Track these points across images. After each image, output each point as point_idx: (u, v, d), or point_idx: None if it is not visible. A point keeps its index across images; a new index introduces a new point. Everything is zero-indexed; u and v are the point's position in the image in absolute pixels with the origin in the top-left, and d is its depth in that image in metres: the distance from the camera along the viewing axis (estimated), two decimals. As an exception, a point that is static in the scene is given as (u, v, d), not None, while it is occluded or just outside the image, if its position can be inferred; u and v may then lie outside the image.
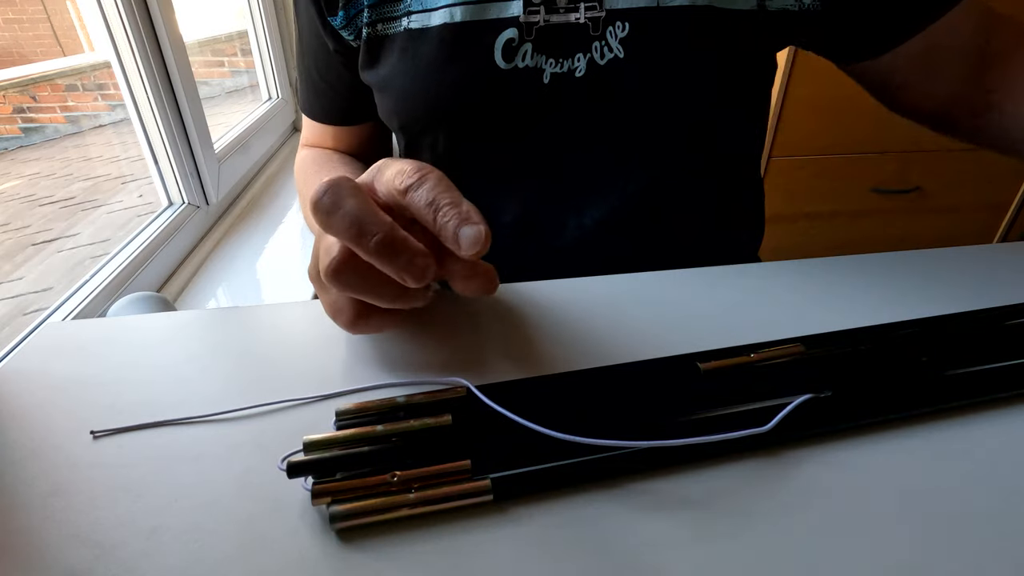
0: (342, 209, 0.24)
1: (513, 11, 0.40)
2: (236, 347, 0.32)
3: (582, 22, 0.40)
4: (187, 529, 0.22)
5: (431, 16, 0.41)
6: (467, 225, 0.24)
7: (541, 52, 0.41)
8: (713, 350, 0.29)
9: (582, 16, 0.40)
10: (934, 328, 0.31)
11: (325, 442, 0.23)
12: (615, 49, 0.40)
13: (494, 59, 0.41)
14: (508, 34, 0.40)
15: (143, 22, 0.69)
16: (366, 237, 0.24)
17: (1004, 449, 0.24)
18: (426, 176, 0.25)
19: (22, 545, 0.21)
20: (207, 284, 0.73)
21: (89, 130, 1.29)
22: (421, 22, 0.41)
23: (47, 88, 1.24)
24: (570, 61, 0.41)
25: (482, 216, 0.25)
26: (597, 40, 0.40)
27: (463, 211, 0.25)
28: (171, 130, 0.75)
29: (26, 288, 0.84)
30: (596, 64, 0.40)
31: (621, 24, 0.40)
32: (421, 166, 0.26)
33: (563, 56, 0.41)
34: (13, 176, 1.14)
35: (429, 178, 0.25)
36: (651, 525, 0.22)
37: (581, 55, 0.40)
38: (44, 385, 0.29)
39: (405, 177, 0.25)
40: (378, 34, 0.43)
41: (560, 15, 0.40)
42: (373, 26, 0.43)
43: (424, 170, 0.26)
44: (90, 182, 1.20)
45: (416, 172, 0.25)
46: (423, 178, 0.25)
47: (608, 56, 0.40)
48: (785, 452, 0.24)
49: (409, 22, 0.42)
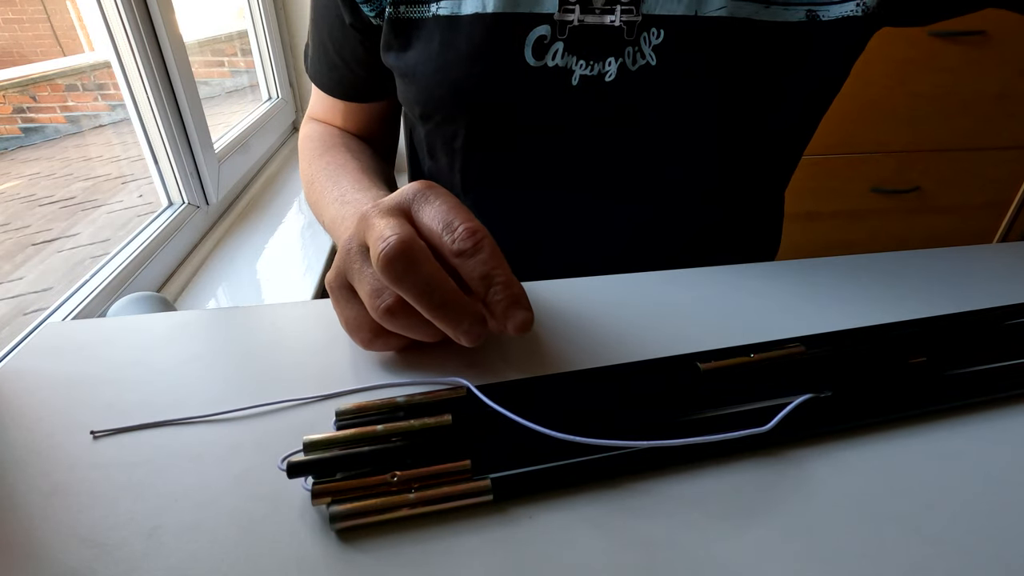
0: (414, 275, 0.25)
1: (547, 7, 0.38)
2: (236, 347, 0.32)
3: (617, 25, 0.38)
4: (187, 529, 0.22)
5: (462, 4, 0.39)
6: (518, 309, 0.25)
7: (572, 53, 0.39)
8: (713, 350, 0.29)
9: (618, 19, 0.38)
10: (933, 328, 0.31)
11: (325, 442, 0.23)
12: (648, 56, 0.39)
13: (523, 55, 0.39)
14: (540, 31, 0.39)
15: (143, 22, 0.69)
16: (434, 299, 0.25)
17: (1004, 449, 0.24)
18: (480, 245, 0.26)
19: (22, 545, 0.21)
20: (207, 284, 0.73)
21: (89, 130, 1.29)
22: (451, 9, 0.40)
23: (47, 88, 1.24)
24: (601, 64, 0.39)
25: (529, 300, 0.26)
26: (631, 45, 0.39)
27: (515, 293, 0.26)
28: (171, 130, 0.75)
29: (26, 288, 0.84)
30: (627, 70, 0.39)
31: (656, 31, 0.38)
32: (473, 226, 0.26)
33: (594, 59, 0.39)
34: (13, 176, 1.14)
35: (484, 247, 0.26)
36: (651, 525, 0.22)
37: (613, 59, 0.39)
38: (44, 385, 0.29)
39: (458, 239, 0.26)
40: (402, 16, 0.42)
41: (595, 16, 0.38)
42: (397, 6, 0.41)
43: (477, 235, 0.26)
44: (90, 182, 1.20)
45: (469, 236, 0.26)
46: (478, 246, 0.26)
47: (640, 63, 0.39)
48: (785, 452, 0.24)
49: (438, 8, 0.40)
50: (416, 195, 0.28)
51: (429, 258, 0.25)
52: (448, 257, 0.26)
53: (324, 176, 0.47)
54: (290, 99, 1.25)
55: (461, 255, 0.26)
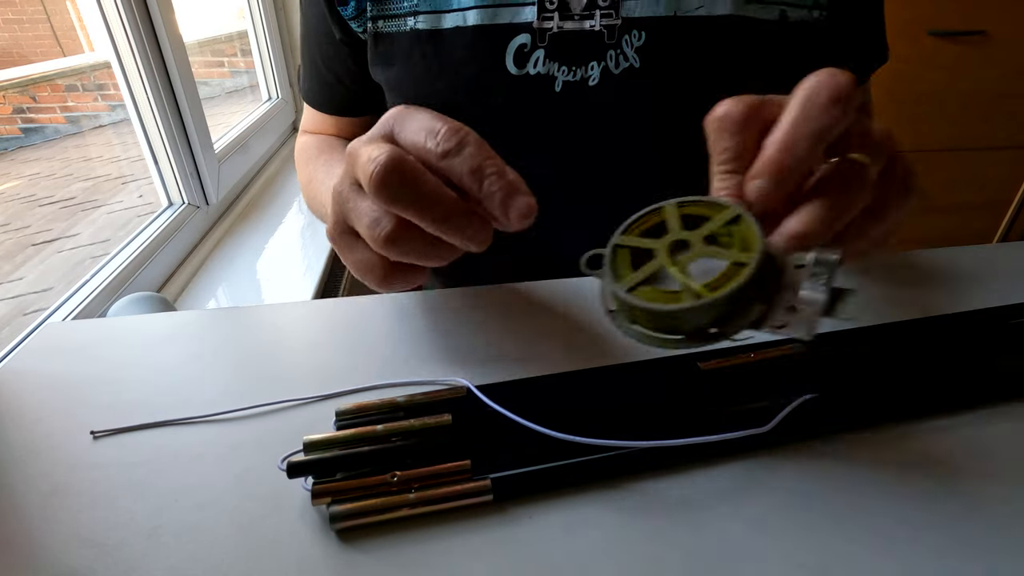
0: (409, 191, 0.23)
1: (527, 16, 0.39)
2: (236, 347, 0.32)
3: (597, 30, 0.39)
4: (187, 529, 0.22)
5: (442, 18, 0.40)
6: (517, 195, 0.24)
7: (554, 59, 0.40)
8: (713, 350, 0.29)
9: (597, 24, 0.39)
10: (934, 328, 0.31)
11: (325, 442, 0.23)
12: (631, 58, 0.39)
13: (505, 65, 0.40)
14: (521, 39, 0.39)
15: (143, 22, 0.69)
16: (436, 212, 0.24)
17: (1005, 448, 0.24)
18: (465, 140, 0.24)
19: (22, 545, 0.21)
20: (207, 284, 0.73)
21: (89, 130, 1.29)
22: (430, 23, 0.40)
23: (47, 88, 1.24)
24: (583, 69, 0.40)
25: (526, 185, 0.24)
26: (612, 49, 0.39)
27: (510, 181, 0.24)
28: (171, 130, 0.75)
29: (26, 288, 0.84)
30: (610, 73, 0.39)
31: (638, 33, 0.38)
32: (455, 126, 0.24)
33: (576, 64, 0.39)
34: (13, 176, 1.14)
35: (468, 141, 0.24)
36: (651, 525, 0.22)
37: (595, 63, 0.39)
38: (44, 385, 0.29)
39: (441, 140, 0.24)
40: (380, 31, 0.43)
41: (575, 22, 0.39)
42: (375, 21, 0.42)
43: (460, 132, 0.24)
44: (90, 182, 1.20)
45: (453, 135, 0.24)
46: (462, 142, 0.24)
47: (623, 65, 0.39)
48: (785, 452, 0.24)
49: (416, 22, 0.41)
50: (395, 117, 0.26)
51: (421, 170, 0.24)
52: (435, 163, 0.24)
53: (323, 172, 0.48)
54: (290, 99, 1.25)
55: (447, 155, 0.24)
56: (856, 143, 0.23)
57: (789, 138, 0.21)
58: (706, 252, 0.22)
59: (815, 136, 0.21)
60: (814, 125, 0.21)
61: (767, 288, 0.21)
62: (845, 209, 0.22)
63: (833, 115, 0.21)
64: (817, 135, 0.21)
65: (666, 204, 0.24)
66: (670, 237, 0.23)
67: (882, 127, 0.24)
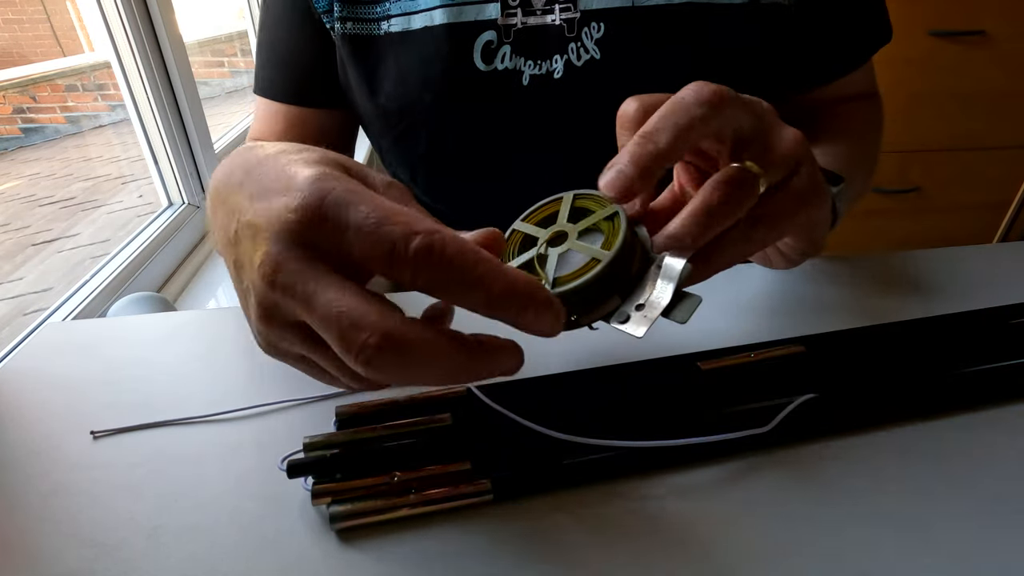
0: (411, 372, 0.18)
1: (491, 14, 0.40)
2: (236, 347, 0.32)
3: (558, 23, 0.40)
4: (187, 529, 0.22)
5: (411, 20, 0.41)
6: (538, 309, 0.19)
7: (520, 54, 0.41)
8: (713, 350, 0.29)
9: (557, 18, 0.40)
10: (934, 328, 0.31)
11: (325, 442, 0.23)
12: (591, 50, 0.40)
13: (473, 61, 0.41)
14: (487, 36, 0.40)
15: (143, 22, 0.69)
16: (447, 377, 0.19)
17: (1005, 448, 0.24)
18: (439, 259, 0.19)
19: (22, 545, 0.21)
20: (207, 284, 0.73)
21: (89, 130, 1.29)
22: (401, 25, 0.41)
23: (47, 88, 1.24)
24: (548, 63, 0.41)
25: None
26: (573, 42, 0.40)
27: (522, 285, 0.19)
28: (171, 130, 0.75)
29: (26, 288, 0.84)
30: (573, 65, 0.40)
31: (596, 25, 0.39)
32: (420, 243, 0.18)
33: (541, 58, 0.41)
34: (13, 176, 1.14)
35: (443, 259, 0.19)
36: (651, 525, 0.22)
37: (558, 56, 0.40)
38: (44, 385, 0.29)
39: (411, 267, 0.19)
40: (349, 32, 0.43)
41: (537, 17, 0.40)
42: (344, 23, 0.43)
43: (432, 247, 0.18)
44: (90, 182, 1.20)
45: (425, 255, 0.18)
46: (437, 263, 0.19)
47: (584, 57, 0.40)
48: (785, 452, 0.24)
49: (389, 26, 0.42)
50: (337, 200, 0.18)
51: (423, 340, 0.18)
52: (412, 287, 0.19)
53: None
54: (290, 99, 1.25)
55: (424, 286, 0.19)
56: (756, 151, 0.24)
57: (650, 129, 0.22)
58: (574, 245, 0.22)
59: (674, 130, 0.22)
60: (673, 120, 0.22)
61: (619, 285, 0.22)
62: (724, 215, 0.22)
63: (694, 114, 0.22)
64: (675, 129, 0.22)
65: (565, 194, 0.24)
66: (554, 227, 0.23)
67: (792, 134, 0.24)
